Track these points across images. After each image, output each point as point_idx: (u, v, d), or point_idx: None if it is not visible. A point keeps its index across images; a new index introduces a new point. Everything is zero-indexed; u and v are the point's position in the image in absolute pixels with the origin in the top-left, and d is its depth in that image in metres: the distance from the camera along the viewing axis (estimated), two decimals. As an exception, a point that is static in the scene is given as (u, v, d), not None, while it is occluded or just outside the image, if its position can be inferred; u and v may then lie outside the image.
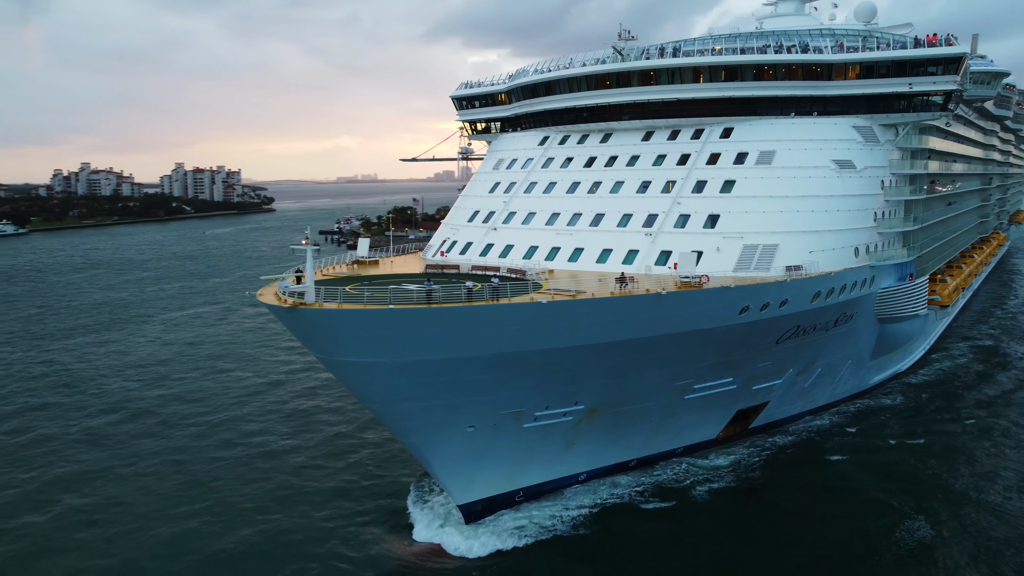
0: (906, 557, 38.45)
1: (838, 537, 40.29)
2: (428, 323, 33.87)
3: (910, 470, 48.80)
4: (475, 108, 68.19)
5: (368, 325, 33.41)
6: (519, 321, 35.30)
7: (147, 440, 55.19)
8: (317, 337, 35.03)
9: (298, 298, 33.84)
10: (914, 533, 40.67)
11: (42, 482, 48.39)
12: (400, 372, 35.36)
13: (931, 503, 44.03)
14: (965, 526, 41.43)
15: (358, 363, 35.28)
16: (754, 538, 40.92)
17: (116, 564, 38.68)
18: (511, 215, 54.62)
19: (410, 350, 34.55)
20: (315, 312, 33.30)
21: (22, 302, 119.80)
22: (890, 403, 61.77)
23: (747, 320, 42.41)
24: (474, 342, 35.25)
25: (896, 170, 55.15)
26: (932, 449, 52.06)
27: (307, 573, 37.34)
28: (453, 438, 39.59)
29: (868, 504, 43.92)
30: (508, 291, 36.86)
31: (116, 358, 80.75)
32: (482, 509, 42.62)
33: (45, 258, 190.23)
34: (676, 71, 53.15)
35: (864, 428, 56.39)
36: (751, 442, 53.03)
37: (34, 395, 67.38)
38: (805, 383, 54.85)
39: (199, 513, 43.61)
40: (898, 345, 61.45)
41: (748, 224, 47.00)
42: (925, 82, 51.10)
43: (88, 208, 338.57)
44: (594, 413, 43.21)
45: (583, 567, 38.27)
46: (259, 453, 52.40)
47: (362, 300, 34.50)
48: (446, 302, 34.90)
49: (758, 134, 51.91)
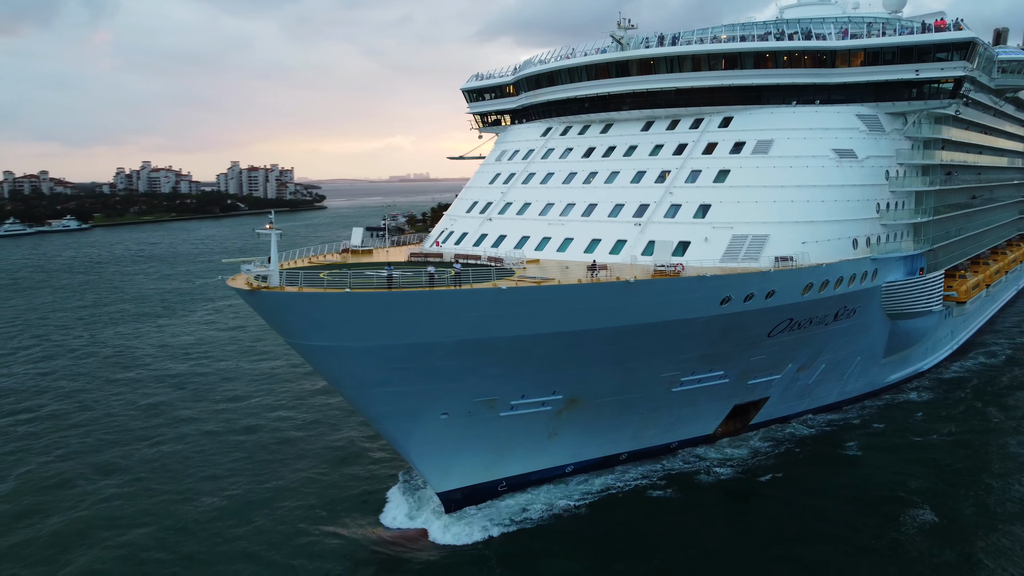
0: (915, 555, 36.99)
1: (840, 534, 39.04)
2: (387, 308, 33.70)
3: (930, 467, 47.08)
4: (485, 100, 67.88)
5: (326, 309, 33.40)
6: (480, 307, 34.88)
7: (177, 412, 58.93)
8: (280, 320, 35.16)
9: (261, 281, 34.05)
10: (925, 530, 39.18)
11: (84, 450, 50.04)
12: (364, 357, 35.26)
13: (945, 501, 42.43)
14: (981, 526, 39.76)
15: (322, 347, 35.33)
16: (751, 533, 39.77)
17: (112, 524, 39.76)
18: (507, 206, 54.20)
19: (372, 335, 34.42)
20: (274, 295, 33.43)
21: (81, 291, 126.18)
22: (912, 400, 59.48)
23: (730, 311, 41.25)
24: (436, 328, 34.95)
25: (904, 160, 53.05)
26: (950, 447, 50.17)
27: (276, 555, 37.53)
28: (427, 425, 39.36)
29: (883, 501, 42.43)
30: (471, 277, 36.49)
31: (161, 339, 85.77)
32: (462, 498, 42.29)
33: (104, 251, 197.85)
34: (675, 59, 52.02)
35: (881, 426, 54.35)
36: (764, 433, 51.94)
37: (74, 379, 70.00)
38: (808, 379, 53.21)
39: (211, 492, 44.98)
40: (912, 342, 59.12)
41: (739, 214, 45.74)
42: (932, 68, 49.03)
43: (148, 205, 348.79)
44: (574, 404, 42.53)
45: (562, 558, 37.58)
46: (263, 433, 53.71)
47: (323, 284, 34.55)
48: (407, 287, 34.72)
49: (757, 123, 50.52)
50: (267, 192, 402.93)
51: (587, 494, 43.64)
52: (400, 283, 35.29)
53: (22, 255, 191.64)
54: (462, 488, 42.26)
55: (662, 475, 46.06)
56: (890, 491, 43.68)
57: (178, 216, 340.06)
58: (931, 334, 59.96)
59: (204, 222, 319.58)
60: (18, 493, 45.29)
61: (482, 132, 70.06)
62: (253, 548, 38.26)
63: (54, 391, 66.36)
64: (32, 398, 64.31)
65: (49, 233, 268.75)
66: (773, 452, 49.66)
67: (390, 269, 36.40)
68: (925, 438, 51.73)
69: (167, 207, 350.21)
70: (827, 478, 45.88)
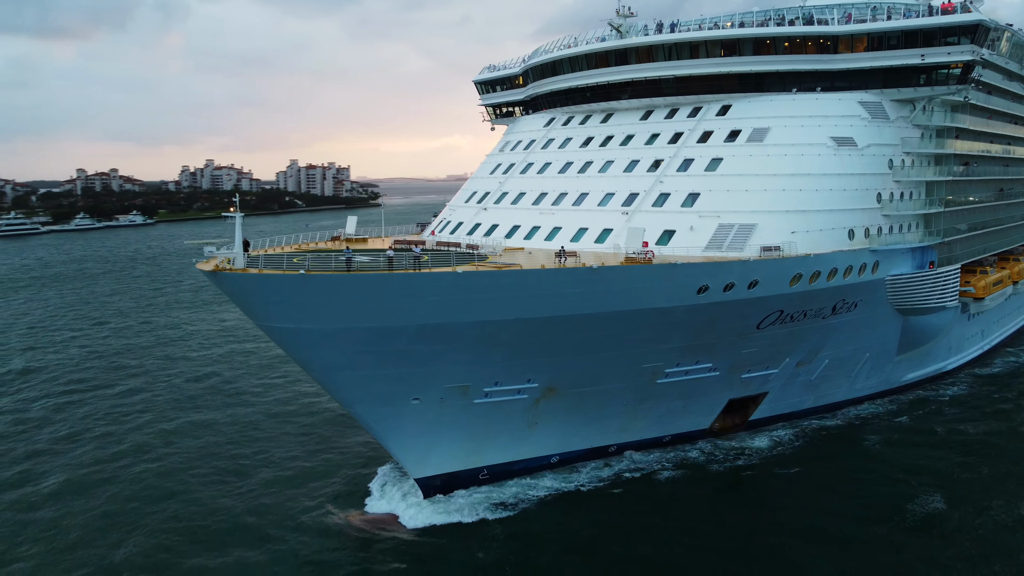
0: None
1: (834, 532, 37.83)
2: (343, 290, 33.72)
3: (952, 467, 45.37)
4: (496, 92, 67.54)
5: (283, 290, 33.58)
6: (439, 291, 34.62)
7: (224, 387, 63.25)
8: (244, 302, 35.49)
9: (225, 263, 34.48)
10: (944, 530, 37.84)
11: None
12: (327, 340, 35.37)
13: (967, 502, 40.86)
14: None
15: (285, 329, 35.57)
16: (741, 529, 38.63)
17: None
18: (503, 195, 53.87)
19: (331, 318, 34.49)
20: (233, 276, 33.77)
21: (141, 280, 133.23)
22: (929, 399, 57.43)
23: (708, 301, 40.12)
24: (396, 312, 34.82)
25: (912, 149, 50.82)
26: (977, 447, 48.29)
27: (246, 535, 37.92)
28: (398, 410, 39.28)
29: (890, 501, 41.02)
30: (430, 262, 36.28)
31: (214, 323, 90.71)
32: (441, 484, 42.14)
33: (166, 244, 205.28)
34: (673, 47, 50.86)
35: (903, 420, 53.06)
36: (765, 429, 50.72)
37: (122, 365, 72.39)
38: (811, 376, 51.49)
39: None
40: (927, 340, 56.58)
41: (728, 203, 44.50)
42: (939, 53, 46.80)
43: (210, 201, 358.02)
44: (552, 393, 41.95)
45: (536, 546, 37.09)
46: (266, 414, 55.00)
47: (282, 266, 34.75)
48: (365, 271, 34.69)
49: (755, 111, 49.05)
50: (324, 190, 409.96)
51: (570, 484, 43.11)
52: (359, 266, 35.29)
53: (91, 247, 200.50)
54: (441, 475, 42.09)
55: (651, 468, 45.20)
56: (898, 492, 42.12)
57: (237, 211, 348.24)
58: (947, 331, 57.22)
59: (263, 218, 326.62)
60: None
61: (495, 124, 69.76)
62: (220, 526, 38.89)
63: (79, 375, 68.64)
64: (64, 377, 66.72)
65: (116, 228, 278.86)
66: (771, 448, 48.44)
67: (349, 252, 36.47)
68: (942, 438, 49.74)
69: (228, 204, 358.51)
70: (828, 476, 44.29)
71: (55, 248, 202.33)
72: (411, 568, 35.32)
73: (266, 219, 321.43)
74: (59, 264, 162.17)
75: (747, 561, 35.35)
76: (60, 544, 37.40)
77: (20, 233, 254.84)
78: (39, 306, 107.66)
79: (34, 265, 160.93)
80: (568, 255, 38.12)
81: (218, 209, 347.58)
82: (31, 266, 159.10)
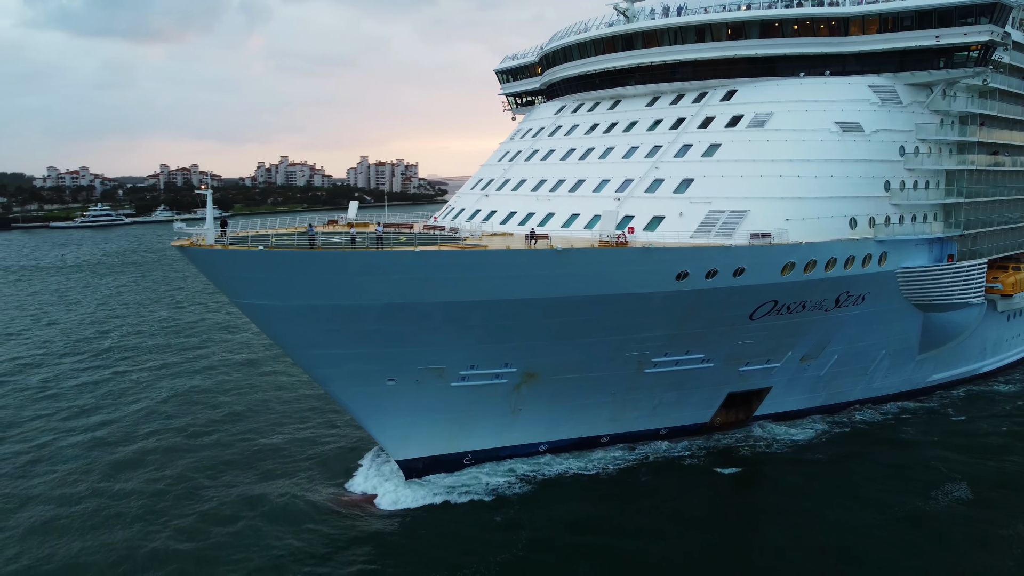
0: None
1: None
2: (304, 267, 33.67)
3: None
4: (515, 81, 66.87)
5: (247, 266, 33.75)
6: (400, 270, 34.25)
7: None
8: (215, 278, 35.82)
9: (199, 240, 34.94)
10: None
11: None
12: (294, 317, 35.42)
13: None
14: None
15: (254, 305, 35.78)
16: (728, 526, 37.16)
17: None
18: (505, 182, 53.22)
19: (296, 295, 34.50)
20: (199, 251, 34.12)
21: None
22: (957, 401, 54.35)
23: (690, 288, 38.65)
24: (359, 290, 34.60)
25: (929, 136, 47.91)
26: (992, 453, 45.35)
27: (222, 509, 38.24)
28: (374, 391, 39.11)
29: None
30: (392, 241, 35.95)
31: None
32: (424, 467, 41.87)
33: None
34: (678, 31, 49.21)
35: (910, 429, 49.70)
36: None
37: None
38: (819, 371, 49.22)
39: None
40: (950, 338, 53.29)
41: (721, 189, 42.76)
42: (954, 34, 43.94)
43: (283, 196, 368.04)
44: (532, 378, 41.14)
45: (509, 530, 36.29)
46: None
47: (247, 242, 35.00)
48: (328, 249, 34.61)
49: (761, 96, 46.99)
50: (392, 186, 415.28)
51: (551, 472, 42.28)
52: (323, 245, 35.24)
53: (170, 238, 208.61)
54: (423, 457, 41.80)
55: (639, 461, 43.83)
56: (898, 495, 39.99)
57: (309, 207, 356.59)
58: (973, 330, 53.80)
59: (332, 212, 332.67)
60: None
61: (515, 114, 69.07)
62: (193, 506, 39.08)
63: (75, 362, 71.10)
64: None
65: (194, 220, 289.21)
66: (769, 445, 46.47)
67: (312, 230, 36.46)
68: (970, 444, 46.71)
69: (300, 199, 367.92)
70: (830, 483, 41.79)
71: (134, 238, 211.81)
72: (378, 550, 34.91)
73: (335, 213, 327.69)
74: (140, 252, 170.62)
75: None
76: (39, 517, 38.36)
77: (106, 224, 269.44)
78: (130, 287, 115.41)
79: (116, 252, 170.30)
80: (539, 237, 37.19)
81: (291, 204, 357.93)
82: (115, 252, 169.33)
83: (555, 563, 33.77)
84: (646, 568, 33.29)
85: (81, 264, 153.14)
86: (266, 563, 33.35)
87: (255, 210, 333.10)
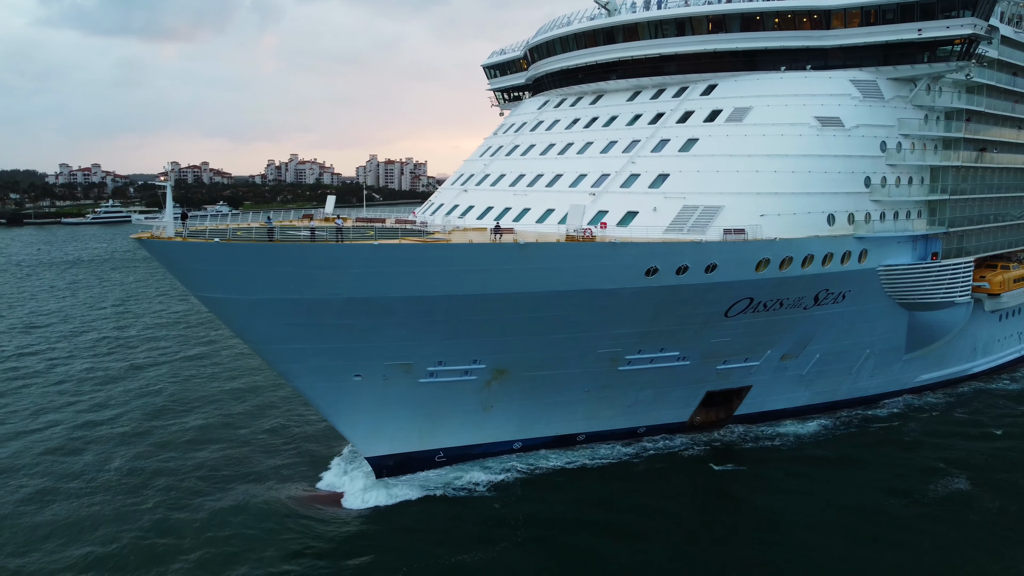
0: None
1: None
2: (261, 259, 32.98)
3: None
4: (503, 76, 66.07)
5: (205, 258, 33.09)
6: (359, 264, 33.50)
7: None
8: (174, 271, 35.19)
9: (157, 231, 34.30)
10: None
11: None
12: (253, 310, 34.70)
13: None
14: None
15: (214, 299, 35.11)
16: (713, 526, 36.13)
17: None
18: (484, 178, 52.45)
19: (254, 288, 33.78)
20: (155, 243, 33.46)
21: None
22: (936, 404, 53.08)
23: (660, 284, 37.72)
24: (319, 284, 33.86)
25: (912, 131, 46.74)
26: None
27: (186, 509, 37.42)
28: (340, 386, 38.41)
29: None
30: (360, 235, 35.24)
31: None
32: (395, 465, 41.11)
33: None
34: (659, 24, 48.22)
35: (906, 425, 48.71)
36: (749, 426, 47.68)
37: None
38: (801, 370, 48.17)
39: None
40: (937, 338, 52.09)
41: (696, 184, 41.80)
42: (937, 27, 42.79)
43: (292, 194, 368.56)
44: (503, 375, 40.34)
45: (481, 528, 35.63)
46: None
47: (206, 235, 34.35)
48: (288, 242, 33.93)
49: (741, 90, 46.01)
50: (402, 184, 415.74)
51: (526, 470, 41.46)
52: (282, 238, 34.56)
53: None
54: (394, 455, 41.05)
55: (616, 460, 42.96)
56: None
57: (318, 205, 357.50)
58: (961, 330, 52.53)
59: (341, 210, 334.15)
60: None
61: (503, 110, 68.23)
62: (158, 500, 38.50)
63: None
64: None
65: (204, 217, 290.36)
66: (752, 441, 45.72)
67: (270, 222, 35.78)
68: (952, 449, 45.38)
69: (309, 196, 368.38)
70: (816, 483, 40.72)
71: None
72: (344, 550, 33.98)
73: (344, 211, 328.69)
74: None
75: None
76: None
77: (117, 220, 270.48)
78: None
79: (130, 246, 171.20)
80: (504, 232, 36.36)
81: (300, 201, 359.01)
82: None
83: (530, 562, 32.98)
84: (623, 568, 32.41)
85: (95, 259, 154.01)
86: (229, 564, 32.52)
87: (265, 207, 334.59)
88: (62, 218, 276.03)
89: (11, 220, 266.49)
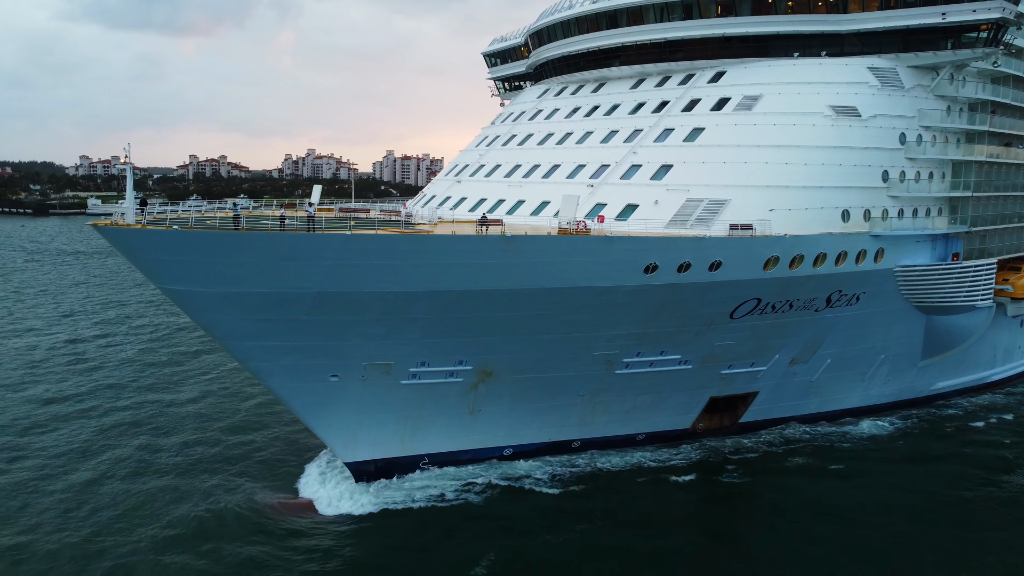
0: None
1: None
2: (225, 249, 29.67)
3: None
4: (503, 64, 62.51)
5: (164, 248, 29.76)
6: (332, 256, 30.14)
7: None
8: (132, 259, 31.90)
9: (116, 219, 31.10)
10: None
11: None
12: (220, 304, 31.37)
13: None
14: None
15: (179, 291, 31.82)
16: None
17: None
18: (479, 168, 48.94)
19: (220, 280, 30.47)
20: (112, 230, 30.14)
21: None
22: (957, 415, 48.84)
23: (659, 282, 34.12)
24: (289, 277, 30.50)
25: (934, 123, 42.80)
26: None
27: (156, 514, 34.25)
28: (316, 387, 35.05)
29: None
30: (323, 224, 31.89)
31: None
32: (376, 470, 37.77)
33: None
34: (664, 7, 44.49)
35: (902, 443, 44.45)
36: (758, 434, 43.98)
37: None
38: (811, 376, 44.41)
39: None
40: (956, 344, 48.07)
41: (701, 176, 38.14)
42: (962, 11, 38.84)
43: (309, 188, 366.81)
44: (488, 376, 36.89)
45: (464, 537, 32.69)
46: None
47: (167, 223, 31.09)
48: (256, 231, 30.62)
49: (751, 78, 42.24)
50: (418, 180, 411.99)
51: (515, 476, 38.11)
52: (248, 226, 31.26)
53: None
54: (375, 460, 37.73)
55: (612, 468, 39.39)
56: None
57: (335, 199, 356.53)
58: (981, 335, 48.53)
59: (357, 204, 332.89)
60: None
61: (503, 99, 64.69)
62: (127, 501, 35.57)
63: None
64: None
65: (223, 207, 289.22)
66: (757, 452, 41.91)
67: (236, 209, 32.50)
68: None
69: (326, 191, 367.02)
70: (823, 496, 37.32)
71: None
72: (320, 558, 30.89)
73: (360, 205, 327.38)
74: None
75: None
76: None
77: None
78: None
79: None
80: (492, 223, 32.84)
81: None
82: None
83: (518, 571, 30.18)
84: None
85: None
86: (202, 573, 29.52)
87: (282, 201, 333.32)
88: (86, 209, 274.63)
89: (37, 210, 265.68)
